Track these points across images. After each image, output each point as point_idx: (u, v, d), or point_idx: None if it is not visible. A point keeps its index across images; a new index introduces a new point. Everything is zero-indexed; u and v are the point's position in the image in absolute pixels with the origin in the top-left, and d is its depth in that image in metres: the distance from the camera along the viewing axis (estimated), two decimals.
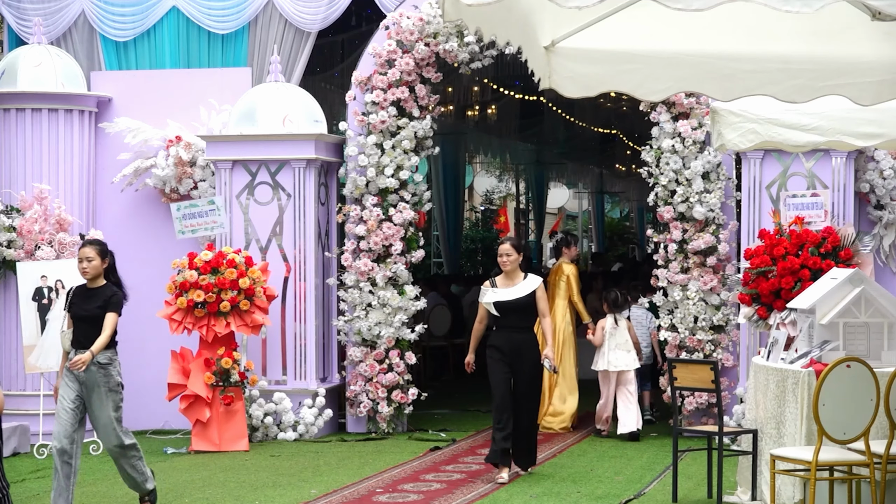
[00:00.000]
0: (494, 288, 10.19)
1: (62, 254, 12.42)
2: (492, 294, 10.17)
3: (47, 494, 9.83)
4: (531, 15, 5.65)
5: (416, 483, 10.19)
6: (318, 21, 13.53)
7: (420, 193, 13.21)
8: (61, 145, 13.07)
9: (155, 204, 13.42)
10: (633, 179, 31.24)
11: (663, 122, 12.48)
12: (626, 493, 9.67)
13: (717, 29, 5.96)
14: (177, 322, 12.00)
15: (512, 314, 10.11)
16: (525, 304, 10.13)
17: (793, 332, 8.68)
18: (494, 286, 10.21)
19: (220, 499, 9.65)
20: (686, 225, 12.41)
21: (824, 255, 11.19)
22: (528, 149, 26.84)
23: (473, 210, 36.64)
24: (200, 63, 13.72)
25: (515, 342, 10.13)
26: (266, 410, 12.56)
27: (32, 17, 13.70)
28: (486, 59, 13.09)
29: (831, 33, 6.13)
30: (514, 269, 10.17)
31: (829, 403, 7.46)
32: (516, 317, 10.13)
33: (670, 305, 12.49)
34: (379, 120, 12.90)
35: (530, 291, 10.14)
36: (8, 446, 11.73)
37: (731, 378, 12.32)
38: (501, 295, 10.13)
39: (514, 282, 10.17)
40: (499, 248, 10.30)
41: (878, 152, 12.07)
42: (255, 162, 12.89)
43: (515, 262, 10.15)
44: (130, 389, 13.17)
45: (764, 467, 8.63)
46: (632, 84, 6.21)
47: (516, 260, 10.15)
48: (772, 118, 7.84)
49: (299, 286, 12.88)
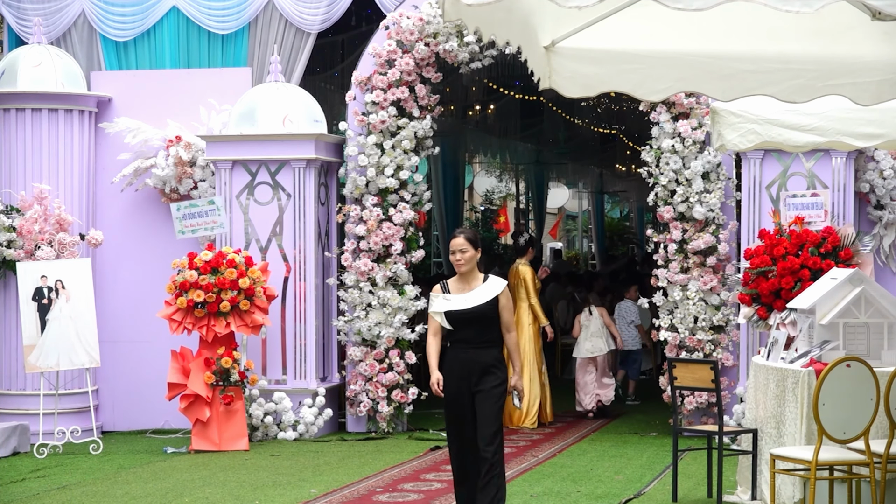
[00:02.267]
0: (446, 294, 7.90)
1: (62, 254, 12.42)
2: (442, 302, 7.89)
3: (47, 494, 9.85)
4: (531, 15, 5.65)
5: (416, 482, 10.19)
6: (318, 21, 13.53)
7: (420, 193, 13.21)
8: (61, 145, 13.08)
9: (155, 204, 13.42)
10: (633, 179, 31.24)
11: (663, 122, 12.49)
12: (626, 493, 9.68)
13: (717, 29, 5.96)
14: (177, 322, 12.00)
15: (468, 327, 7.84)
16: (485, 314, 7.84)
17: (793, 332, 8.68)
18: (446, 291, 7.92)
19: (220, 498, 9.65)
20: (686, 225, 12.41)
21: (824, 255, 11.19)
22: (528, 149, 26.84)
23: (473, 210, 36.62)
24: (200, 63, 13.73)
25: (472, 363, 7.81)
26: (266, 410, 12.57)
27: (32, 17, 13.70)
28: (486, 59, 13.09)
29: (831, 33, 6.13)
30: (472, 269, 7.89)
31: (829, 403, 7.46)
32: (473, 330, 7.84)
33: (670, 305, 12.49)
34: (379, 120, 12.90)
35: (492, 297, 7.87)
36: (8, 446, 11.74)
37: (730, 377, 12.33)
38: (455, 303, 7.88)
39: (472, 285, 7.89)
40: (451, 243, 7.93)
41: (878, 152, 12.08)
42: (255, 162, 12.89)
43: (472, 259, 7.87)
44: (130, 389, 13.31)
45: (764, 467, 8.64)
46: (632, 84, 6.21)
47: (473, 257, 7.87)
48: (772, 118, 7.84)
49: (299, 286, 12.88)
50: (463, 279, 7.93)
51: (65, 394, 12.46)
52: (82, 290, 12.21)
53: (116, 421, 13.36)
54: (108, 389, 13.31)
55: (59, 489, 10.11)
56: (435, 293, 8.00)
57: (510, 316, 7.97)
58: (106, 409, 13.32)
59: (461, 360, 7.85)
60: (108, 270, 13.38)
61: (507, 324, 7.95)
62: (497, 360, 7.87)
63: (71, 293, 12.15)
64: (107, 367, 13.02)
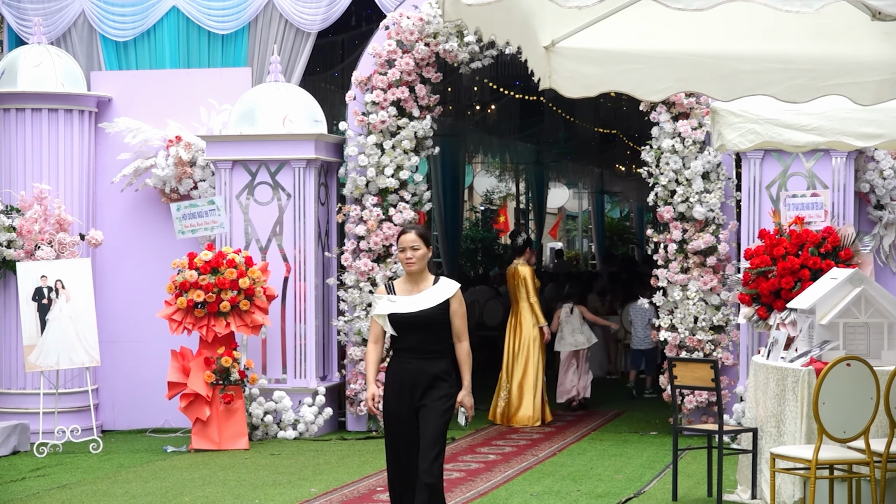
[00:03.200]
0: (391, 295, 7.12)
1: (62, 254, 12.42)
2: (386, 303, 7.09)
3: (47, 493, 9.86)
4: (531, 15, 5.65)
5: None
6: (318, 21, 13.54)
7: (420, 193, 13.22)
8: (61, 145, 13.08)
9: (155, 204, 13.42)
10: (633, 179, 31.23)
11: (663, 122, 12.49)
12: (626, 492, 9.68)
13: (717, 29, 5.96)
14: (177, 322, 12.01)
15: (414, 333, 7.04)
16: (433, 320, 7.04)
17: (793, 333, 8.68)
18: (391, 293, 7.15)
19: (220, 497, 9.66)
20: (686, 225, 12.42)
21: (824, 255, 11.20)
22: (528, 149, 26.83)
23: (473, 210, 36.62)
24: (200, 63, 13.73)
25: (417, 375, 7.03)
26: (266, 409, 12.58)
27: (32, 17, 13.70)
28: (486, 59, 13.10)
29: (831, 33, 6.13)
30: (422, 269, 7.14)
31: (829, 402, 7.47)
32: (420, 337, 7.04)
33: (670, 305, 12.50)
34: (379, 120, 12.91)
35: (442, 301, 7.08)
36: (8, 445, 11.75)
37: (730, 377, 12.33)
38: (401, 305, 7.07)
39: (420, 287, 7.11)
40: (399, 240, 7.17)
41: (878, 152, 12.08)
42: (255, 162, 12.90)
43: (423, 258, 7.12)
44: (131, 388, 13.31)
45: (764, 466, 8.64)
46: (632, 84, 6.21)
47: (424, 255, 7.12)
48: (772, 118, 7.84)
49: (299, 286, 12.89)
50: (411, 280, 7.15)
51: (65, 393, 12.46)
52: (82, 290, 12.21)
53: (116, 420, 13.37)
54: (108, 388, 13.31)
55: (59, 488, 10.12)
56: (379, 293, 7.21)
57: (462, 323, 7.11)
58: (106, 408, 13.33)
59: (405, 372, 7.04)
60: (108, 270, 13.39)
61: (458, 332, 7.10)
62: (445, 372, 7.05)
63: (71, 293, 12.15)
64: (107, 366, 13.02)
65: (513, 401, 13.45)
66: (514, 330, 13.60)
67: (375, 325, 7.18)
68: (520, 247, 14.01)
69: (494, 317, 19.31)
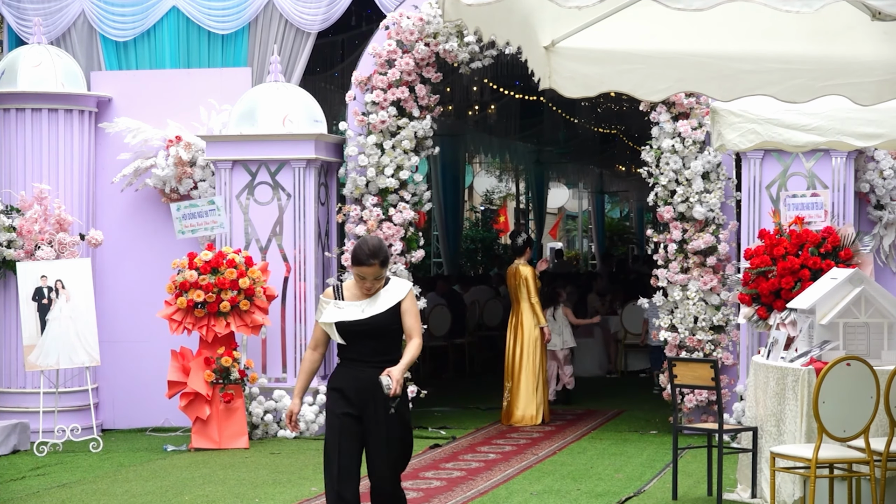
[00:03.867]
0: (338, 300, 6.67)
1: (62, 254, 12.43)
2: (333, 310, 6.64)
3: (47, 492, 9.86)
4: (531, 15, 5.66)
5: (415, 481, 10.19)
6: (318, 21, 13.54)
7: (420, 193, 13.22)
8: (61, 145, 13.08)
9: (155, 204, 13.43)
10: (633, 179, 31.26)
11: (663, 122, 12.49)
12: (626, 491, 9.69)
13: (717, 29, 5.97)
14: (177, 322, 12.01)
15: (363, 341, 6.62)
16: (385, 326, 6.62)
17: (793, 333, 8.69)
18: (339, 297, 6.68)
19: (221, 496, 9.66)
20: (686, 225, 12.42)
21: (824, 255, 11.20)
22: (528, 149, 26.85)
23: (473, 210, 36.62)
24: (200, 63, 13.73)
25: (367, 384, 6.53)
26: (266, 408, 12.58)
27: (32, 17, 13.71)
28: (486, 59, 13.10)
29: (831, 33, 6.14)
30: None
31: (829, 401, 7.47)
32: (371, 345, 6.62)
33: (670, 305, 12.50)
34: (379, 120, 12.91)
35: (393, 305, 6.63)
36: (8, 444, 11.76)
37: (730, 376, 12.34)
38: (348, 312, 6.62)
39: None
40: (359, 268, 6.63)
41: (878, 152, 12.09)
42: (255, 162, 12.90)
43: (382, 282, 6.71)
44: (131, 387, 13.32)
45: (764, 465, 8.65)
46: (632, 84, 6.22)
47: (383, 279, 6.70)
48: (772, 118, 7.85)
49: (299, 286, 12.89)
50: None
51: (65, 392, 12.46)
52: (82, 290, 12.22)
53: (116, 419, 13.37)
54: (108, 387, 13.31)
55: (59, 487, 10.13)
56: (326, 298, 6.70)
57: (415, 321, 6.65)
58: (106, 407, 13.33)
59: (357, 381, 6.60)
60: (108, 270, 13.39)
61: (409, 330, 6.65)
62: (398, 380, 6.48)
63: (71, 293, 12.16)
64: (107, 365, 13.02)
65: (513, 400, 13.46)
66: (515, 330, 13.60)
67: (318, 331, 6.74)
68: (520, 247, 14.02)
69: (494, 317, 19.34)
